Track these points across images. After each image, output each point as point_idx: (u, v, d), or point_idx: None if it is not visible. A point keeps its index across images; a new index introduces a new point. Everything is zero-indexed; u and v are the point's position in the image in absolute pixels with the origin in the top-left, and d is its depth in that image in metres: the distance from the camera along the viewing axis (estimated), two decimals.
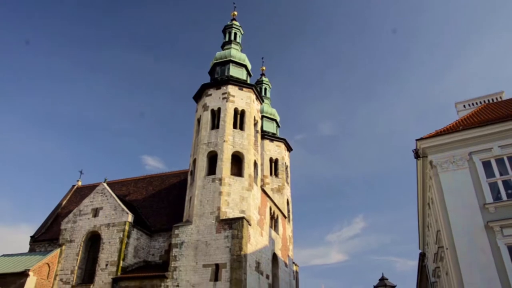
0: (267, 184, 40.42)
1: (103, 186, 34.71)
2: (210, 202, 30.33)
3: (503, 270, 17.34)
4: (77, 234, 33.04)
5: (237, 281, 26.89)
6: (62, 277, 31.72)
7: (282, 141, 44.34)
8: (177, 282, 28.32)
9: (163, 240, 33.47)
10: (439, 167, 20.27)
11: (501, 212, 18.16)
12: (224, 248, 28.37)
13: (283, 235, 38.52)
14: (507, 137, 19.01)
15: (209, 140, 32.86)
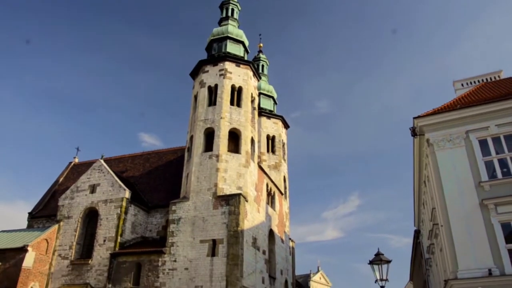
0: (264, 161, 40.56)
1: (100, 162, 34.73)
2: (207, 179, 30.44)
3: (496, 247, 17.61)
4: (74, 210, 33.22)
5: (234, 256, 27.22)
6: (60, 252, 32.05)
7: (279, 118, 44.30)
8: (174, 257, 28.65)
9: (160, 216, 33.73)
10: (435, 145, 20.34)
11: (496, 190, 18.33)
12: (221, 224, 28.62)
13: (280, 212, 38.86)
14: (505, 116, 19.04)
15: (206, 117, 32.77)
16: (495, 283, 17.06)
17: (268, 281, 32.62)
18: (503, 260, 17.26)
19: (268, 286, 32.28)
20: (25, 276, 28.95)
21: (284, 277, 37.40)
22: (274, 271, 34.66)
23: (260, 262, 31.35)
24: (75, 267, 31.09)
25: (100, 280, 29.80)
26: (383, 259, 11.11)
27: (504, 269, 17.15)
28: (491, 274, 17.18)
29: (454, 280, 17.91)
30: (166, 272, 28.35)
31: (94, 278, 30.06)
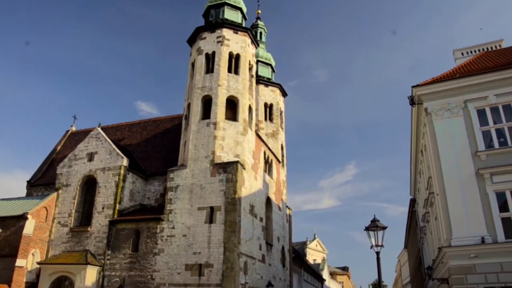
0: (261, 129, 40.53)
1: (97, 131, 34.63)
2: (204, 146, 30.46)
3: (490, 215, 17.87)
4: (73, 178, 33.37)
5: (232, 223, 27.56)
6: (60, 220, 32.39)
7: (277, 86, 43.99)
8: (172, 224, 28.99)
9: (158, 184, 33.92)
10: (433, 114, 20.33)
11: (492, 160, 18.45)
12: (218, 192, 28.83)
13: (277, 180, 39.13)
14: (504, 86, 18.95)
15: (204, 85, 32.49)
16: (487, 251, 17.40)
17: (265, 248, 33.18)
18: (496, 229, 17.56)
19: (265, 252, 32.86)
20: (26, 243, 29.34)
21: (281, 244, 38.04)
22: (271, 238, 35.21)
23: (257, 229, 31.78)
24: (74, 234, 31.50)
25: (100, 247, 30.25)
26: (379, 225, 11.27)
27: (497, 237, 17.46)
28: (484, 242, 17.50)
29: (448, 247, 18.24)
30: (165, 239, 28.76)
31: (94, 245, 30.51)
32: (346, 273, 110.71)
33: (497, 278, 17.02)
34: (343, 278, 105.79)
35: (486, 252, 17.38)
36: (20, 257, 28.77)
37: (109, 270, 29.40)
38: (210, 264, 26.97)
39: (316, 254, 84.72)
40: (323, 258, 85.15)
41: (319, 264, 76.51)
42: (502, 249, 17.24)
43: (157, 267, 28.21)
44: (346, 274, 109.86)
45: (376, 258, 11.22)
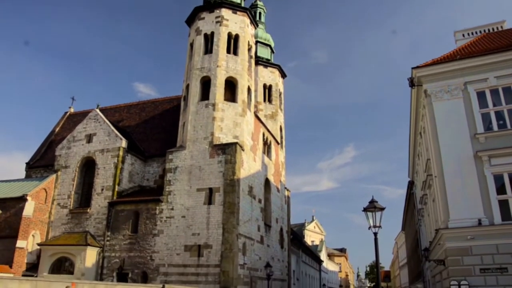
0: (260, 111, 40.39)
1: (95, 112, 34.49)
2: (203, 128, 30.40)
3: (487, 198, 17.92)
4: (72, 160, 33.37)
5: (230, 205, 27.69)
6: (59, 201, 32.50)
7: (276, 67, 43.68)
8: (171, 206, 29.12)
9: (157, 165, 33.96)
10: (433, 96, 20.22)
11: (490, 142, 18.42)
12: (217, 173, 28.88)
13: (276, 161, 39.17)
14: (504, 68, 18.79)
15: (202, 65, 32.25)
16: (484, 233, 17.50)
17: (264, 229, 33.40)
18: (493, 211, 17.63)
19: (263, 234, 33.09)
20: (26, 224, 29.50)
21: (279, 225, 38.29)
22: (270, 220, 35.42)
23: (256, 210, 31.95)
24: (74, 215, 31.65)
25: (99, 228, 30.44)
26: (377, 206, 11.30)
27: (494, 219, 17.54)
28: (481, 224, 17.59)
29: (445, 229, 18.35)
30: (164, 220, 28.92)
31: (93, 226, 30.69)
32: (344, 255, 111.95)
33: (493, 260, 17.16)
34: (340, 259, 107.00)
35: (482, 234, 17.49)
36: (20, 239, 28.98)
37: (109, 251, 29.64)
38: (209, 245, 27.19)
39: (314, 235, 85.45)
40: (321, 239, 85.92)
41: (317, 245, 77.27)
42: (498, 231, 17.34)
43: (156, 248, 28.43)
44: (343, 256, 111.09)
45: (374, 239, 11.28)
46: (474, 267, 17.39)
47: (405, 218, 54.81)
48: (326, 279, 77.09)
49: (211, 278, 26.41)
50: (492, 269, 17.06)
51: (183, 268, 27.31)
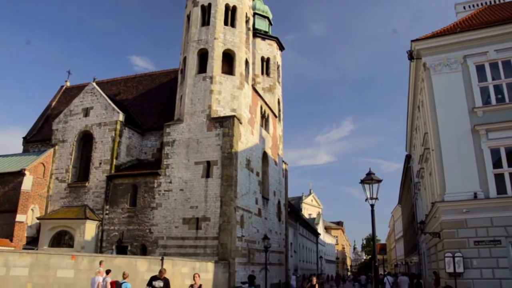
0: (258, 84, 40.10)
1: (92, 85, 34.20)
2: (201, 101, 30.23)
3: (484, 171, 18.02)
4: (69, 134, 33.26)
5: (228, 178, 27.81)
6: (57, 175, 32.56)
7: (274, 40, 43.13)
8: (169, 179, 29.23)
9: (155, 139, 33.92)
10: (432, 70, 20.08)
11: (488, 116, 18.40)
12: (215, 146, 28.90)
13: (274, 134, 39.15)
14: (505, 41, 18.59)
15: (200, 38, 31.82)
16: (479, 206, 17.67)
17: (262, 202, 33.65)
18: (488, 184, 17.76)
19: (261, 206, 33.35)
20: (25, 199, 29.61)
21: (277, 198, 38.57)
22: (267, 193, 35.64)
23: (254, 184, 32.11)
24: (72, 189, 31.78)
25: (98, 202, 30.61)
26: (374, 178, 11.32)
27: (489, 193, 17.69)
28: (476, 197, 17.74)
29: (441, 202, 18.51)
30: (162, 193, 29.08)
31: (92, 200, 30.85)
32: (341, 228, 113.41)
33: (487, 232, 17.39)
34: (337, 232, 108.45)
35: (477, 207, 17.67)
36: (20, 213, 29.16)
37: (108, 225, 29.91)
38: (207, 218, 27.44)
39: (312, 209, 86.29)
40: (319, 212, 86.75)
41: (314, 218, 78.08)
42: (493, 204, 17.51)
43: (155, 221, 28.69)
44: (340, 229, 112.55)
45: (371, 211, 11.36)
46: (469, 240, 17.63)
47: (401, 191, 55.27)
48: (323, 251, 78.25)
49: (210, 251, 26.76)
50: (486, 242, 17.32)
51: (181, 241, 27.63)
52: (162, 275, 11.31)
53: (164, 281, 11.22)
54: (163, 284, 11.11)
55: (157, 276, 11.27)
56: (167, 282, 11.29)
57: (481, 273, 17.24)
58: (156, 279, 11.18)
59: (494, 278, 17.00)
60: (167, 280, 11.44)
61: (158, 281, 11.11)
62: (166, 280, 11.32)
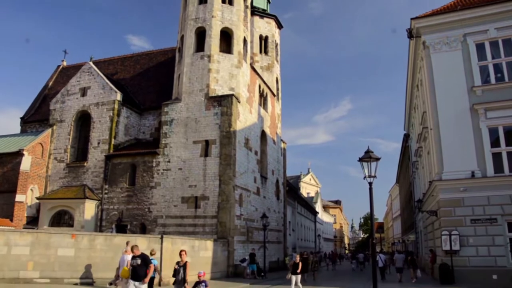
0: (256, 62, 39.79)
1: (89, 65, 33.89)
2: (199, 80, 30.04)
3: (481, 150, 18.12)
4: (66, 114, 33.11)
5: (227, 157, 27.84)
6: (56, 156, 32.54)
7: (273, 18, 42.59)
8: (168, 158, 29.26)
9: (153, 118, 33.83)
10: (431, 48, 19.98)
11: (487, 95, 18.40)
12: (213, 125, 28.84)
13: (272, 113, 39.06)
14: (505, 19, 18.47)
15: (197, 16, 31.41)
16: (476, 185, 17.83)
17: (260, 181, 33.78)
18: (486, 163, 17.89)
19: (260, 185, 33.50)
20: (24, 179, 29.64)
21: (275, 177, 38.71)
22: (266, 171, 35.75)
23: (252, 162, 32.18)
24: (71, 169, 31.80)
25: (97, 182, 30.69)
26: (373, 156, 11.31)
27: (486, 172, 17.83)
28: (474, 176, 17.88)
29: (438, 181, 18.65)
30: (161, 172, 29.14)
31: (91, 179, 30.92)
32: (339, 207, 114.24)
33: (484, 211, 17.58)
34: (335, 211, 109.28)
35: (475, 186, 17.82)
36: (19, 193, 29.23)
37: (107, 204, 30.05)
38: (206, 197, 27.57)
39: (310, 187, 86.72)
40: (317, 191, 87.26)
41: (313, 197, 78.58)
42: (490, 183, 17.66)
43: (154, 200, 28.83)
44: (338, 208, 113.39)
45: (369, 189, 11.39)
46: (465, 218, 17.83)
47: (399, 171, 55.53)
48: (321, 230, 78.97)
49: (208, 229, 26.97)
50: (482, 220, 17.53)
51: (180, 220, 27.83)
52: (137, 253, 11.20)
53: (141, 257, 11.13)
54: (141, 261, 11.00)
55: (134, 256, 11.17)
56: (144, 258, 11.21)
57: (477, 250, 17.50)
58: (134, 258, 11.11)
59: (490, 256, 17.26)
60: (144, 255, 11.36)
61: (136, 259, 11.03)
62: (143, 256, 11.25)
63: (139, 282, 10.93)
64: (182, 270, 11.59)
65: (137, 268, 11.03)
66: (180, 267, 11.68)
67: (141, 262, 11.00)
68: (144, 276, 11.02)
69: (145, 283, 11.08)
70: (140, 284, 10.95)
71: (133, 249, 11.36)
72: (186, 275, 11.55)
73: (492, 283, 16.71)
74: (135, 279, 11.00)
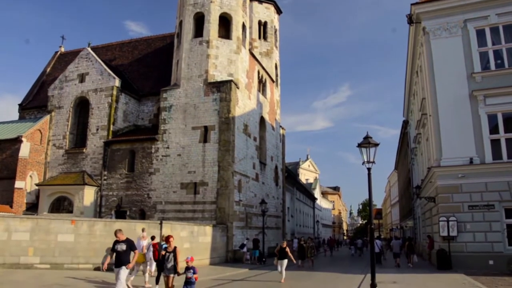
0: (255, 48, 39.55)
1: (87, 51, 33.66)
2: (197, 65, 29.90)
3: (480, 137, 18.14)
4: (65, 100, 32.98)
5: (226, 143, 27.85)
6: (54, 142, 32.51)
7: (272, 3, 42.19)
8: (167, 144, 29.26)
9: (151, 104, 33.73)
10: (431, 34, 19.86)
11: (487, 82, 18.35)
12: (212, 111, 28.80)
13: (271, 99, 38.96)
14: (507, 4, 18.35)
15: (195, 1, 31.10)
16: (475, 171, 17.89)
17: (259, 167, 33.84)
18: (484, 150, 17.92)
19: (258, 171, 33.57)
20: (23, 165, 29.67)
21: (274, 163, 38.78)
22: (265, 157, 35.80)
23: (251, 148, 32.21)
24: (70, 156, 31.81)
25: (96, 168, 30.72)
26: (371, 142, 11.31)
27: (485, 158, 17.87)
28: (472, 162, 17.93)
29: (437, 167, 18.70)
30: (160, 158, 29.17)
31: (90, 166, 30.94)
32: (337, 193, 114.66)
33: (481, 197, 17.67)
34: (334, 197, 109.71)
35: (473, 172, 17.89)
36: (18, 179, 29.30)
37: (106, 190, 30.12)
38: (205, 183, 27.65)
39: (309, 174, 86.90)
40: (315, 178, 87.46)
41: (311, 183, 78.73)
42: (488, 170, 17.72)
43: (153, 186, 28.90)
44: (337, 194, 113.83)
45: (367, 174, 11.41)
46: (463, 204, 17.93)
47: (398, 157, 55.63)
48: (320, 216, 79.38)
49: (208, 215, 27.10)
50: (480, 206, 17.63)
51: (179, 205, 27.95)
52: (121, 238, 10.61)
53: (126, 242, 10.61)
54: (126, 246, 10.49)
55: (118, 240, 10.58)
56: (130, 243, 10.70)
57: (474, 236, 17.64)
58: (118, 242, 10.54)
59: (487, 241, 17.41)
60: (129, 240, 10.82)
61: (120, 244, 10.49)
62: (129, 241, 10.72)
63: (122, 267, 10.38)
64: (172, 256, 10.99)
65: (122, 254, 10.51)
66: (169, 253, 11.05)
67: (126, 247, 10.54)
68: (128, 262, 10.51)
69: (128, 269, 10.61)
70: (123, 270, 10.40)
71: (117, 233, 10.75)
72: (177, 261, 10.98)
73: (488, 268, 16.88)
74: (118, 265, 10.46)
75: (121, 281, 10.36)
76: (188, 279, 10.31)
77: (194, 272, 10.38)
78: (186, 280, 10.33)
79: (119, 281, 10.37)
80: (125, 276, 10.56)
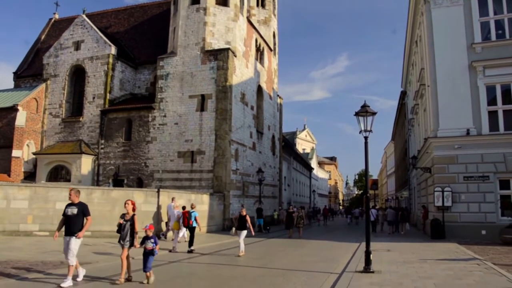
0: (253, 16, 38.89)
1: (82, 18, 33.02)
2: (194, 33, 29.49)
3: (478, 108, 18.12)
4: (60, 68, 32.59)
5: (223, 111, 27.78)
6: (51, 111, 32.32)
7: None
8: (164, 113, 29.16)
9: (148, 73, 33.41)
10: (432, 3, 19.54)
11: (487, 53, 18.18)
12: (209, 79, 28.59)
13: (269, 68, 38.61)
14: None
15: None
16: (471, 142, 17.95)
17: (256, 136, 33.86)
18: (482, 121, 17.93)
19: (255, 140, 33.61)
20: (20, 134, 29.56)
21: (271, 133, 38.79)
22: (262, 127, 35.77)
23: (248, 117, 32.14)
24: (67, 124, 31.71)
25: (93, 137, 30.68)
26: (369, 111, 11.24)
27: (482, 130, 17.90)
28: (469, 133, 17.97)
29: (433, 138, 18.75)
30: (157, 127, 29.13)
31: (87, 134, 30.89)
32: (334, 163, 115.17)
33: (477, 168, 17.80)
34: (330, 167, 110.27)
35: (469, 144, 17.95)
36: (15, 148, 29.27)
37: (104, 159, 30.18)
38: (202, 151, 27.72)
39: (306, 144, 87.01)
40: (312, 148, 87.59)
41: (308, 153, 78.92)
42: (485, 141, 17.78)
43: (150, 154, 28.97)
44: (333, 164, 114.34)
45: (364, 143, 11.38)
46: (458, 175, 18.06)
47: (395, 128, 55.67)
48: (316, 186, 79.93)
49: (205, 183, 27.30)
50: (475, 177, 17.78)
51: (177, 174, 28.09)
52: (74, 200, 8.94)
53: (79, 206, 8.90)
54: (77, 211, 8.79)
55: (70, 203, 8.95)
56: (82, 207, 8.95)
57: (468, 207, 17.85)
58: (70, 205, 8.91)
59: (480, 212, 17.64)
60: (83, 204, 9.09)
61: (72, 207, 8.84)
62: (81, 205, 8.98)
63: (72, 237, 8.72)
64: (129, 225, 9.07)
65: (72, 219, 8.81)
66: (126, 221, 9.09)
67: (78, 211, 8.82)
68: (79, 230, 8.80)
69: (79, 238, 8.82)
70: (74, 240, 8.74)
71: (70, 194, 9.01)
72: (135, 231, 9.10)
73: (480, 238, 17.17)
74: (68, 233, 8.79)
75: (72, 252, 8.72)
76: (148, 250, 9.04)
77: (155, 243, 9.10)
78: (145, 251, 9.06)
79: (70, 252, 8.70)
80: (77, 247, 8.83)
